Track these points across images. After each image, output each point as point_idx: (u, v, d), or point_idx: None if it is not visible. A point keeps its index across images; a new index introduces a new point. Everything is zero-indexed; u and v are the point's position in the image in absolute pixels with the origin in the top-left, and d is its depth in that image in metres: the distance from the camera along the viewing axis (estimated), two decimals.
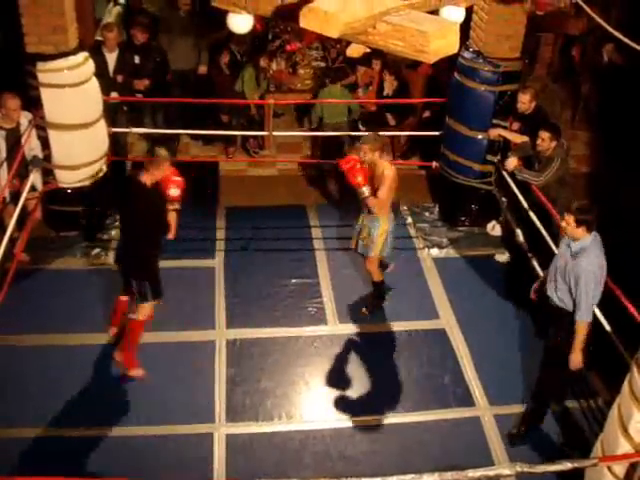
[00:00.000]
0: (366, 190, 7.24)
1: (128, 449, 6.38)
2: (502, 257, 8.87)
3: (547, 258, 7.94)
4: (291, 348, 7.52)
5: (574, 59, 11.98)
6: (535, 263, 8.30)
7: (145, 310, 6.84)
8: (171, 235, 6.83)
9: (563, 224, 6.08)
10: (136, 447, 6.42)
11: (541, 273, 8.15)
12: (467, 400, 7.05)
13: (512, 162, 8.20)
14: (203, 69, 10.62)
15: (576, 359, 6.11)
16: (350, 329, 7.78)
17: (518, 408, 6.90)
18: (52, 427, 6.53)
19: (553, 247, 7.67)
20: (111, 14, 10.97)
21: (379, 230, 7.46)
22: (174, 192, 6.82)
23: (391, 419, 6.86)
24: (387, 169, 7.31)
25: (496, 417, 6.86)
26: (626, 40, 5.96)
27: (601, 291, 6.01)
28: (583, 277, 5.89)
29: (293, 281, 8.35)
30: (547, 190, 7.87)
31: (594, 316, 6.33)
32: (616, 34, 6.16)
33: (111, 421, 6.61)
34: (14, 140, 7.89)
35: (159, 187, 6.64)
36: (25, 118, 7.95)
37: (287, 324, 7.78)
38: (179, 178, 6.88)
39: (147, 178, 6.48)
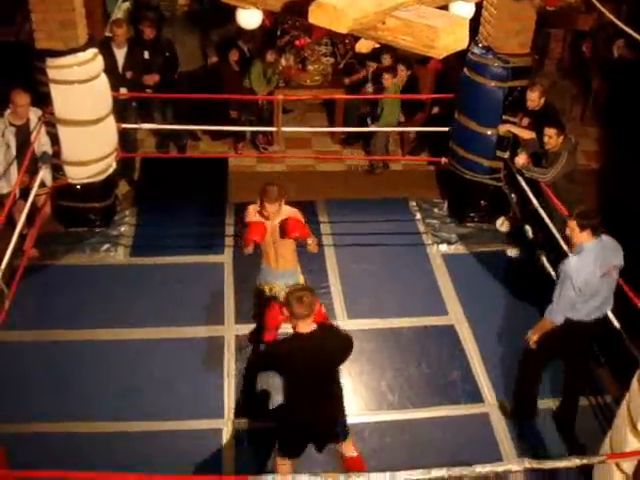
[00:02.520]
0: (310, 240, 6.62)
1: (136, 444, 6.40)
2: (513, 252, 8.84)
3: (556, 254, 7.97)
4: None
5: (584, 55, 11.93)
6: (544, 259, 8.30)
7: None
8: None
9: (567, 231, 6.10)
10: (144, 442, 6.44)
11: (551, 269, 8.15)
12: (476, 396, 7.04)
13: (521, 159, 8.18)
14: (213, 59, 10.62)
15: (532, 337, 6.32)
16: (359, 324, 7.77)
17: None
18: (60, 422, 6.56)
19: (562, 243, 7.66)
20: (120, 10, 11.00)
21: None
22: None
23: (399, 415, 6.86)
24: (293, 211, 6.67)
25: (505, 413, 6.84)
26: (637, 36, 5.94)
27: (581, 300, 5.97)
28: (564, 277, 5.91)
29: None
30: (555, 187, 7.86)
31: (606, 317, 6.42)
32: (627, 30, 6.14)
33: (119, 416, 6.64)
34: (24, 137, 7.91)
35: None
36: (34, 114, 7.97)
37: None
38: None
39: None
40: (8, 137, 7.83)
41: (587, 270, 5.88)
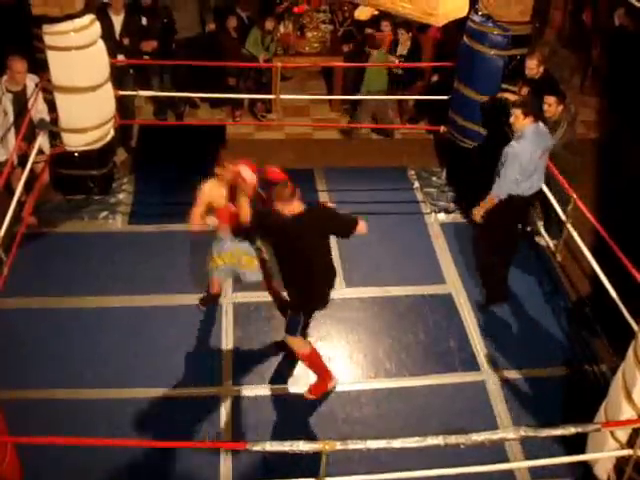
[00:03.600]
0: None
1: (135, 411, 6.44)
2: None
3: (556, 223, 7.99)
4: None
5: (585, 23, 11.85)
6: (542, 229, 8.31)
7: None
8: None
9: (512, 119, 6.95)
10: (143, 409, 6.47)
11: (548, 239, 8.17)
12: (472, 364, 7.08)
13: None
14: (211, 26, 10.56)
15: (477, 213, 7.28)
16: (356, 293, 7.80)
17: (523, 373, 6.96)
18: (57, 389, 6.59)
19: (561, 214, 7.66)
20: None
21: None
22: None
23: (396, 383, 6.90)
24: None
25: (501, 381, 6.89)
26: (637, 4, 5.90)
27: (523, 177, 6.92)
28: (510, 157, 6.85)
29: None
30: (554, 157, 7.83)
31: (602, 287, 6.46)
32: None
33: (118, 383, 6.68)
34: (21, 103, 7.88)
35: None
36: (31, 81, 7.93)
37: None
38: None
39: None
40: (5, 104, 7.80)
41: (529, 150, 6.88)
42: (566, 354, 7.19)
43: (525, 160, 6.85)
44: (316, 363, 6.66)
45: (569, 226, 7.60)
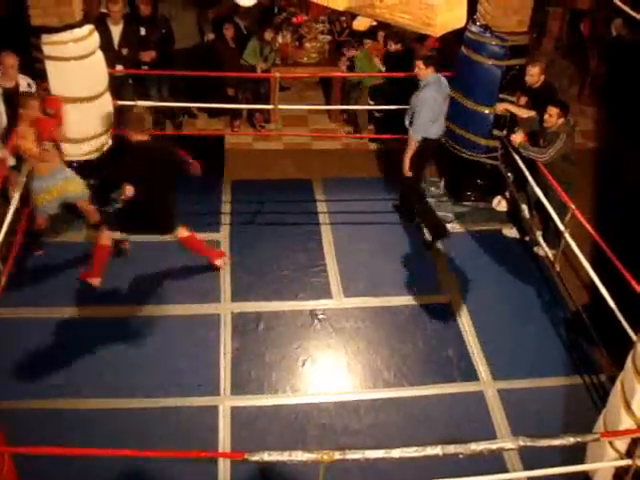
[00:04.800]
0: None
1: (133, 421, 6.43)
2: (510, 232, 8.84)
3: (554, 233, 7.98)
4: (296, 322, 7.55)
5: (582, 34, 11.88)
6: (540, 239, 8.31)
7: None
8: None
9: (416, 70, 8.03)
10: (141, 419, 6.46)
11: (547, 249, 8.17)
12: (471, 374, 7.07)
13: (518, 137, 8.16)
14: (210, 36, 10.57)
15: (404, 165, 8.17)
16: (355, 303, 7.80)
17: (521, 383, 6.95)
18: (56, 398, 6.57)
19: (559, 223, 7.66)
20: None
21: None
22: None
23: (395, 393, 6.89)
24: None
25: (499, 392, 6.88)
26: (635, 15, 5.93)
27: (432, 119, 7.96)
28: (420, 103, 7.90)
29: (299, 255, 8.36)
30: (552, 166, 7.85)
31: (601, 296, 6.49)
32: (625, 9, 6.14)
33: (115, 393, 6.65)
34: (12, 100, 7.85)
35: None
36: (24, 80, 7.96)
37: (292, 298, 7.80)
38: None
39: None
40: None
41: (435, 96, 7.94)
42: (565, 364, 7.18)
43: (433, 103, 7.92)
44: (198, 244, 7.84)
45: (567, 236, 7.60)
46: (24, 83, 7.98)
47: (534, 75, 8.28)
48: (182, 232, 7.61)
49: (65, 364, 6.88)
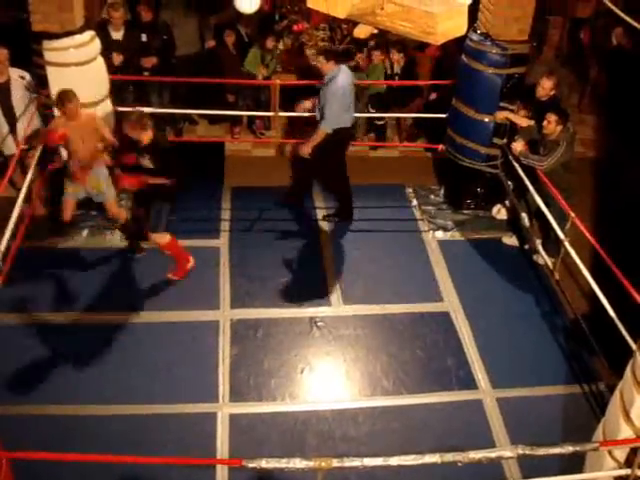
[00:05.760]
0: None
1: (131, 427, 6.41)
2: (509, 240, 8.85)
3: (554, 242, 7.98)
4: (295, 329, 7.54)
5: (583, 42, 11.91)
6: (540, 247, 8.31)
7: None
8: None
9: (319, 66, 8.26)
10: (139, 425, 6.44)
11: (546, 257, 8.17)
12: (470, 383, 7.06)
13: (518, 145, 8.17)
14: (211, 43, 10.59)
15: (306, 149, 8.40)
16: (354, 310, 7.79)
17: (520, 391, 6.94)
18: (52, 404, 6.56)
19: (558, 231, 7.66)
20: None
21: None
22: None
23: (394, 401, 6.88)
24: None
25: (498, 400, 6.87)
26: (635, 24, 5.93)
27: (342, 110, 8.17)
28: (329, 97, 8.08)
29: (298, 262, 8.36)
30: (552, 175, 7.85)
31: (600, 305, 6.51)
32: (625, 18, 6.14)
33: (114, 399, 6.64)
34: (4, 95, 8.03)
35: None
36: (15, 73, 8.08)
37: (291, 305, 7.79)
38: None
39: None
40: None
41: (343, 87, 8.14)
42: (564, 372, 7.17)
43: (342, 95, 8.13)
44: (176, 247, 7.81)
45: (567, 244, 7.60)
46: (15, 77, 8.09)
47: (546, 88, 8.30)
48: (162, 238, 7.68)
49: (63, 370, 6.87)
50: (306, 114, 9.59)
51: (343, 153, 8.73)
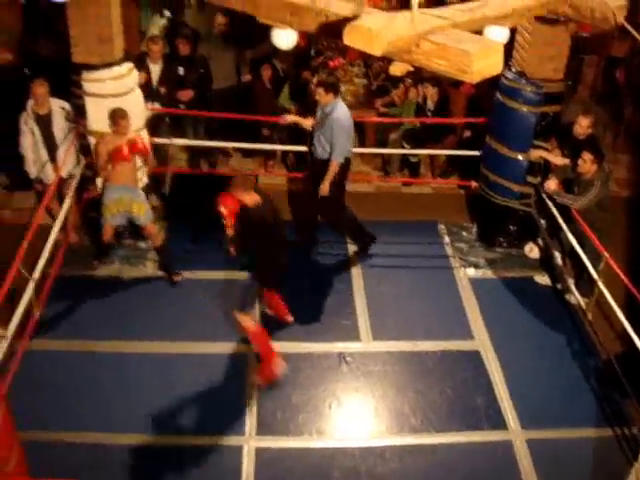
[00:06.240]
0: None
1: (158, 459, 6.41)
2: (542, 279, 8.77)
3: (587, 281, 7.90)
4: (323, 364, 7.51)
5: (618, 81, 11.88)
6: (573, 287, 8.22)
7: None
8: None
9: (317, 97, 8.17)
10: (165, 457, 6.44)
11: (579, 297, 8.08)
12: (499, 423, 6.97)
13: (552, 184, 8.13)
14: (247, 77, 10.69)
15: (324, 188, 8.26)
16: (383, 347, 7.75)
17: (551, 433, 6.84)
18: (79, 432, 6.57)
19: (593, 272, 7.59)
20: (156, 26, 11.13)
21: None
22: None
23: (421, 439, 6.81)
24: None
25: (528, 442, 6.78)
26: None
27: (348, 139, 8.23)
28: (336, 129, 8.02)
29: (328, 297, 8.35)
30: (586, 214, 7.80)
31: (634, 347, 6.45)
32: None
33: (139, 430, 6.65)
34: (46, 125, 8.21)
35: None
36: (56, 105, 8.25)
37: (320, 340, 7.76)
38: None
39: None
40: (32, 125, 8.11)
41: (346, 118, 8.15)
42: (595, 415, 7.06)
43: (348, 126, 8.18)
44: (262, 342, 7.19)
45: (600, 284, 7.52)
46: (56, 108, 8.25)
47: (583, 126, 8.27)
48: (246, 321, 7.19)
49: (88, 398, 6.89)
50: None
51: (345, 183, 8.73)
